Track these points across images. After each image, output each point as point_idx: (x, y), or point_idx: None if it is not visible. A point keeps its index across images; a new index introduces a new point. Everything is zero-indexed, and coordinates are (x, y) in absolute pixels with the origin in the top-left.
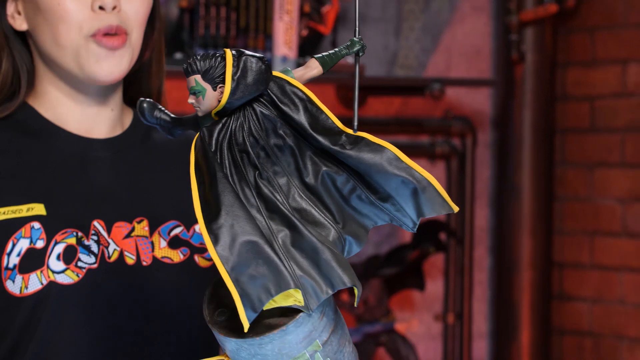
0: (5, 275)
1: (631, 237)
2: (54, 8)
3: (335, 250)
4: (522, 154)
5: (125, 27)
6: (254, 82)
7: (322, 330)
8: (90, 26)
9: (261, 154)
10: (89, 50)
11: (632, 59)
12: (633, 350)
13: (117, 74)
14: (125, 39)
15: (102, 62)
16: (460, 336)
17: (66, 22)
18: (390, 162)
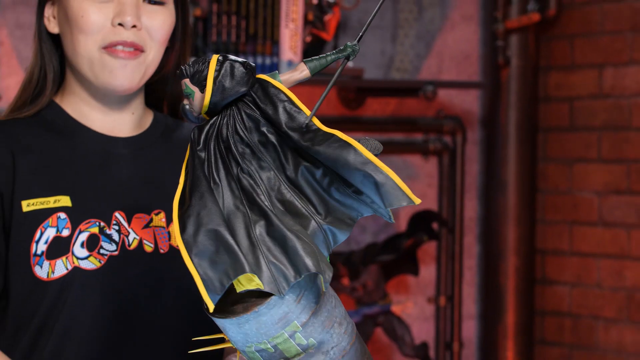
0: (34, 261)
1: (607, 226)
2: (78, 19)
3: (305, 239)
4: (508, 150)
5: (142, 45)
6: (234, 84)
7: (300, 312)
8: (105, 38)
9: (247, 150)
10: (103, 61)
11: (607, 63)
12: (608, 329)
13: (128, 85)
14: (139, 54)
15: (116, 74)
16: (451, 317)
17: (86, 33)
18: (353, 158)
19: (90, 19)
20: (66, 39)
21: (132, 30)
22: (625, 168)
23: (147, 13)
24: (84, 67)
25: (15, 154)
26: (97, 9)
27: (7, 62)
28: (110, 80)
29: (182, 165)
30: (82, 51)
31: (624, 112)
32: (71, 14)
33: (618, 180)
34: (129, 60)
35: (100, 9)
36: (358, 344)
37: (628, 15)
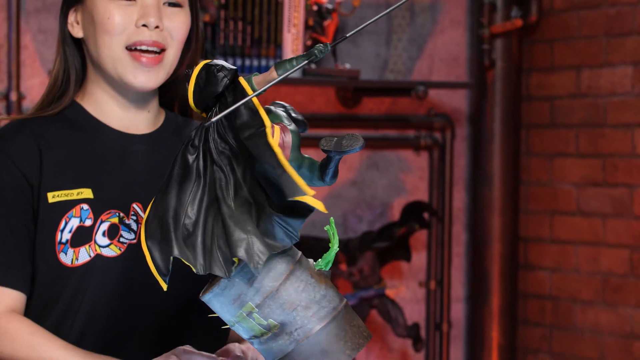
0: (59, 249)
1: (584, 215)
2: (104, 21)
3: (245, 228)
4: (493, 145)
5: (164, 43)
6: (209, 86)
7: (253, 294)
8: (129, 38)
9: (226, 147)
10: (126, 62)
11: (584, 65)
12: (585, 311)
13: (150, 85)
14: (162, 57)
15: (138, 75)
16: (440, 300)
17: (111, 34)
18: (267, 154)
19: (116, 21)
20: (90, 41)
21: (155, 30)
22: (601, 162)
23: (167, 15)
24: (109, 67)
25: (42, 149)
26: (121, 11)
27: (31, 64)
28: (132, 80)
29: None
30: (107, 51)
31: (599, 111)
32: (97, 16)
33: (594, 173)
34: (152, 67)
35: (125, 11)
36: (335, 327)
37: (603, 21)
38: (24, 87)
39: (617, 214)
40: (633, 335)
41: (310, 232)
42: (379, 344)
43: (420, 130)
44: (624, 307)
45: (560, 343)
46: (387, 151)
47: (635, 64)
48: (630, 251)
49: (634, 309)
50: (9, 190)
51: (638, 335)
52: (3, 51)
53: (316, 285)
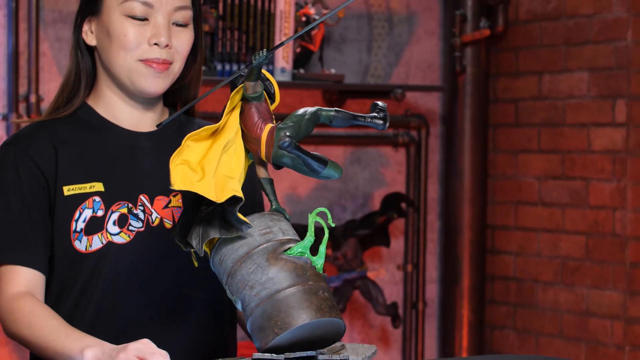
0: (74, 237)
1: (545, 205)
2: (120, 37)
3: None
4: (464, 143)
5: (170, 59)
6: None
7: (222, 274)
8: (142, 54)
9: None
10: (139, 71)
11: (545, 71)
12: (546, 290)
13: (159, 90)
14: (168, 67)
15: (149, 81)
16: (416, 281)
17: (126, 49)
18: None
19: (130, 38)
20: (104, 51)
21: (165, 48)
22: (560, 157)
23: (175, 34)
24: (122, 75)
25: (57, 148)
26: (136, 30)
27: (49, 70)
28: (145, 86)
29: None
30: (122, 63)
31: (559, 111)
32: (114, 31)
33: (554, 168)
34: (160, 73)
35: (139, 30)
36: (269, 308)
37: (562, 31)
38: (42, 90)
39: (574, 204)
40: (588, 312)
41: (299, 220)
42: (361, 321)
43: (398, 129)
44: (580, 288)
45: (524, 320)
46: (369, 147)
47: (591, 70)
48: (586, 237)
49: (589, 289)
50: (27, 184)
51: (593, 312)
52: (23, 58)
53: (266, 268)
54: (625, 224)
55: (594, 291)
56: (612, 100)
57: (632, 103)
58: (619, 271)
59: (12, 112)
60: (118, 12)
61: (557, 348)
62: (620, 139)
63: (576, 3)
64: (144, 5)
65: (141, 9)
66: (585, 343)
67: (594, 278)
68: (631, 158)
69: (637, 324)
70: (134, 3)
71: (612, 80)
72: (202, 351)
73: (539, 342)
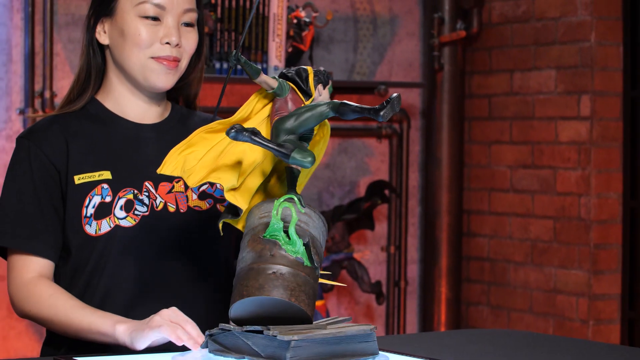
0: (84, 222)
1: (516, 192)
2: (135, 37)
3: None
4: (442, 135)
5: (179, 57)
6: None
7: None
8: (154, 52)
9: None
10: (151, 67)
11: (516, 69)
12: (517, 270)
13: (168, 85)
14: (177, 64)
15: (161, 77)
16: (399, 262)
17: (140, 47)
18: None
19: (144, 37)
20: (117, 49)
21: (176, 47)
22: (530, 148)
23: (183, 33)
24: (135, 72)
25: (68, 140)
26: (149, 30)
27: (62, 69)
28: (156, 81)
29: None
30: (135, 60)
31: (529, 106)
32: (128, 32)
33: (525, 157)
34: (170, 69)
35: (152, 30)
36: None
37: (531, 33)
38: (55, 87)
39: (543, 190)
40: (556, 290)
41: None
42: (347, 298)
43: (382, 122)
44: (549, 267)
45: (497, 297)
46: (355, 139)
47: (558, 68)
48: (554, 221)
49: (557, 269)
50: (38, 176)
51: (560, 290)
52: (39, 57)
53: (244, 248)
54: (589, 209)
55: (561, 270)
56: (578, 95)
57: (595, 98)
58: (583, 252)
59: (28, 107)
60: (133, 14)
61: (527, 323)
62: (585, 131)
63: (544, 7)
64: (157, 7)
65: (154, 10)
66: (553, 318)
67: (561, 258)
68: (595, 148)
69: (600, 300)
70: (147, 5)
71: (577, 78)
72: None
73: (511, 317)
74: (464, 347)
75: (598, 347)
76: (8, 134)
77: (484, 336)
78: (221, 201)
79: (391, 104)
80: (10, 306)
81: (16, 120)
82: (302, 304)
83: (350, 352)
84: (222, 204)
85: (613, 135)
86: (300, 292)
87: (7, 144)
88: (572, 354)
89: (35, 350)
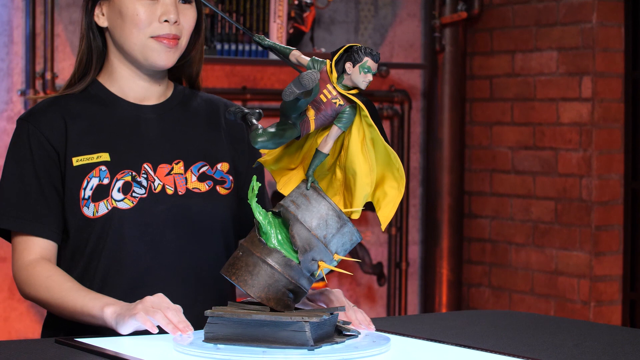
0: (82, 204)
1: (518, 173)
2: (133, 17)
3: None
4: (443, 116)
5: (179, 34)
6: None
7: None
8: (154, 31)
9: None
10: (151, 47)
11: (517, 50)
12: (518, 251)
13: (169, 63)
14: (177, 42)
15: (161, 55)
16: (400, 243)
17: (139, 27)
18: None
19: (142, 17)
20: (117, 30)
21: (174, 25)
22: (531, 129)
23: (181, 11)
24: (136, 52)
25: (67, 122)
26: (147, 9)
27: (63, 50)
28: (157, 60)
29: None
30: (134, 40)
31: (530, 87)
32: (126, 12)
33: (526, 139)
34: (170, 48)
35: (149, 9)
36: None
37: (533, 14)
38: (56, 68)
39: (544, 172)
40: (557, 271)
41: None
42: (349, 279)
43: (383, 103)
44: (550, 249)
45: (498, 278)
46: None
47: (560, 49)
48: (555, 202)
49: (558, 250)
50: (38, 157)
51: (561, 271)
52: (40, 39)
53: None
54: (590, 190)
55: (562, 252)
56: (579, 77)
57: (597, 80)
58: (585, 234)
59: (29, 88)
60: None
61: (528, 304)
62: (586, 112)
63: None
64: None
65: None
66: (554, 299)
67: (562, 240)
68: (596, 130)
69: (601, 281)
70: None
71: (578, 59)
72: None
73: (512, 298)
74: (465, 329)
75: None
76: (9, 115)
77: (485, 317)
78: (221, 183)
79: (293, 82)
80: (11, 288)
81: (17, 101)
82: (240, 282)
83: (277, 339)
84: (221, 185)
85: (614, 116)
86: (245, 272)
87: (8, 126)
88: (573, 335)
89: (37, 331)
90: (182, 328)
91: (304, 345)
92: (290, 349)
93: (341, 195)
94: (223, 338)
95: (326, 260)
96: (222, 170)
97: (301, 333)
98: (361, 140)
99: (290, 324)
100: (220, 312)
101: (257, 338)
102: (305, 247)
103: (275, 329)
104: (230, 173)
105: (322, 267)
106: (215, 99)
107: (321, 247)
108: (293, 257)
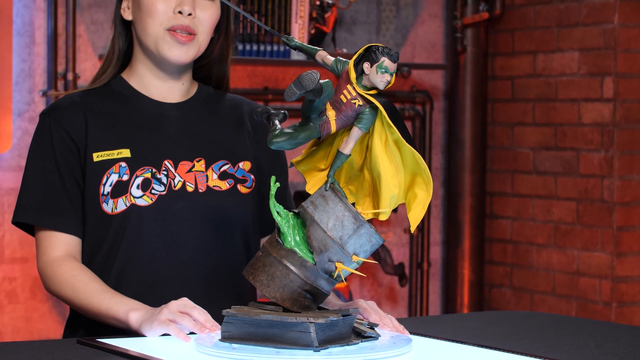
0: (101, 200)
1: (539, 174)
2: (148, 7)
3: None
4: (465, 116)
5: (194, 29)
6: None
7: None
8: (169, 23)
9: None
10: (165, 39)
11: (539, 51)
12: (540, 252)
13: (183, 59)
14: (193, 38)
15: (173, 50)
16: (421, 244)
17: (153, 18)
18: None
19: (157, 7)
20: (137, 23)
21: (188, 17)
22: (552, 130)
23: (201, 6)
24: (150, 44)
25: (88, 118)
26: (164, 1)
27: (84, 50)
28: (169, 54)
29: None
30: (150, 31)
31: (551, 88)
32: (144, 4)
33: (547, 139)
34: (184, 43)
35: (167, 1)
36: None
37: (554, 14)
38: (78, 69)
39: (565, 172)
40: (579, 272)
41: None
42: (370, 280)
43: (405, 104)
44: (572, 250)
45: (519, 279)
46: None
47: (581, 50)
48: (577, 203)
49: (579, 251)
50: (60, 152)
51: (583, 272)
52: (62, 39)
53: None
54: (612, 191)
55: (583, 253)
56: (601, 77)
57: (618, 80)
58: (606, 234)
59: (51, 88)
60: None
61: (550, 305)
62: (608, 113)
63: None
64: None
65: None
66: (575, 300)
67: (584, 241)
68: (618, 130)
69: (623, 282)
70: None
71: (600, 59)
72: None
73: (534, 299)
74: (486, 329)
75: (621, 329)
76: (31, 115)
77: (506, 318)
78: (242, 182)
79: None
80: (33, 288)
81: (39, 102)
82: (256, 283)
83: (285, 339)
84: (243, 184)
85: (636, 117)
86: (262, 272)
87: (30, 126)
88: (595, 336)
89: (59, 332)
90: (210, 327)
91: (309, 346)
92: (298, 350)
93: (370, 196)
94: (238, 338)
95: (344, 261)
96: (243, 169)
97: (306, 334)
98: (384, 142)
99: (296, 325)
100: (235, 312)
101: (268, 338)
102: (321, 247)
103: (283, 329)
104: (252, 172)
105: (340, 269)
106: (238, 99)
107: (337, 248)
108: (309, 257)
